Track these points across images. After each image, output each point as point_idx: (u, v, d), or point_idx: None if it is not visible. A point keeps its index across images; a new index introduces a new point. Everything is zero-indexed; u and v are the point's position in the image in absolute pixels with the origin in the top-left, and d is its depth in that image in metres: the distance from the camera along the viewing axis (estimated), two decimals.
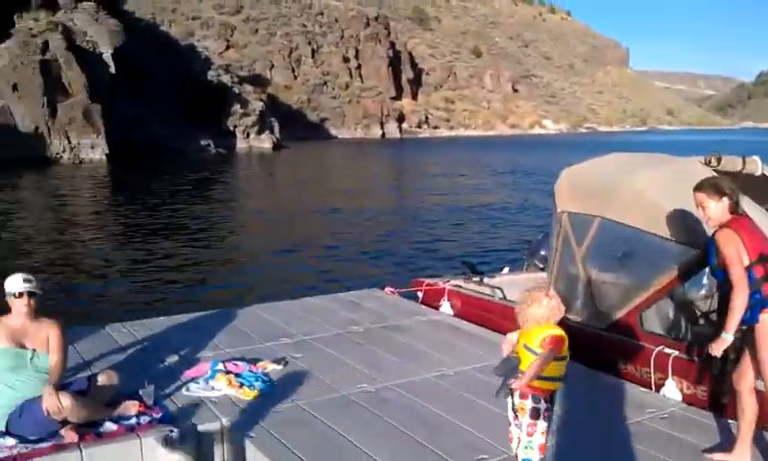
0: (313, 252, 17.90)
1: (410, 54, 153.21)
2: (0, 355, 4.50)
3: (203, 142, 63.61)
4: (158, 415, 4.71)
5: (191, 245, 18.47)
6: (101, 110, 48.69)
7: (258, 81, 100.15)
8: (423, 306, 7.99)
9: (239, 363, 5.56)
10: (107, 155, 48.48)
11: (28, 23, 49.33)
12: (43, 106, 46.95)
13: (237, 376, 5.30)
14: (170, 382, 5.36)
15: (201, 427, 4.62)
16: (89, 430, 4.44)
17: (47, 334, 4.67)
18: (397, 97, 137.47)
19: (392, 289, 8.54)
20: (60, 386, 4.51)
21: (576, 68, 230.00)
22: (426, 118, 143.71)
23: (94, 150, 48.54)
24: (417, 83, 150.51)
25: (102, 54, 52.72)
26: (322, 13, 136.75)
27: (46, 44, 47.70)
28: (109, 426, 4.54)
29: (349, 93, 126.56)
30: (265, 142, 72.91)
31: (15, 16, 49.32)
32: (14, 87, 46.51)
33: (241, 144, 71.15)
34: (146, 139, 56.95)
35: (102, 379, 4.81)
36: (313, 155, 69.59)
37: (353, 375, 5.61)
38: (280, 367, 5.67)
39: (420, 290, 8.42)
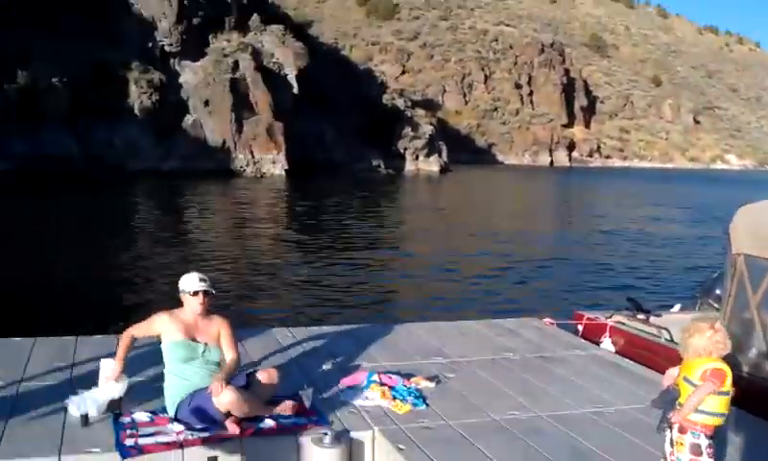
0: (472, 274, 17.86)
1: (584, 81, 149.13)
2: (176, 347, 4.87)
3: (374, 162, 65.64)
4: (314, 417, 4.93)
5: (356, 259, 19.08)
6: (283, 128, 51.69)
7: (430, 105, 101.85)
8: (583, 340, 7.75)
9: (393, 376, 5.67)
10: (286, 170, 51.33)
11: (221, 44, 53.55)
12: (231, 121, 50.66)
13: (391, 388, 5.41)
14: (327, 388, 5.58)
15: (353, 434, 4.77)
16: (250, 425, 4.73)
17: (218, 330, 5.00)
18: (569, 125, 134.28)
19: (550, 320, 8.35)
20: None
21: (763, 101, 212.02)
22: (598, 147, 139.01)
23: (275, 165, 51.59)
24: (590, 110, 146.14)
25: (287, 75, 55.98)
26: (496, 40, 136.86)
27: (236, 64, 51.55)
28: (268, 423, 4.82)
29: (519, 119, 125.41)
30: (433, 165, 73.94)
31: (210, 37, 53.79)
32: (206, 103, 50.64)
33: (409, 166, 72.65)
34: (322, 157, 59.79)
35: (262, 377, 5.05)
36: (479, 179, 69.57)
37: (506, 401, 5.54)
38: (433, 385, 5.72)
39: (581, 323, 8.17)
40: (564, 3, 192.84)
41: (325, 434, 4.60)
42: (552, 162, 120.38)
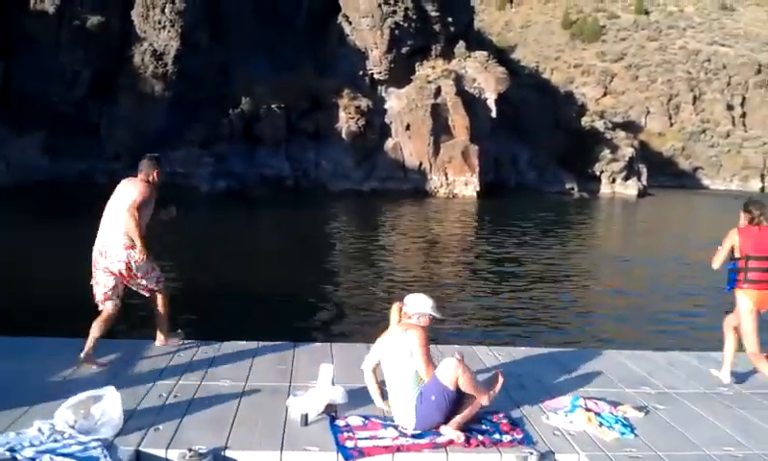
0: (673, 305, 16.87)
1: None
2: None
3: (567, 185, 63.96)
4: (519, 436, 5.03)
5: (550, 283, 18.77)
6: (478, 151, 52.07)
7: (632, 127, 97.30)
8: None
9: (600, 402, 5.61)
10: (476, 192, 51.63)
11: (426, 71, 55.15)
12: (429, 144, 51.89)
13: (597, 414, 5.36)
14: (531, 409, 5.65)
15: (559, 456, 4.81)
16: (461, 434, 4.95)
17: None
18: None
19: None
20: None
21: None
22: None
23: (467, 186, 52.04)
24: None
25: (486, 99, 56.38)
26: (709, 60, 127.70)
27: (438, 89, 52.80)
28: (477, 436, 4.99)
29: (729, 142, 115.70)
30: (630, 188, 70.40)
31: (417, 64, 55.61)
32: (407, 127, 52.35)
33: (605, 189, 69.78)
34: (515, 180, 59.38)
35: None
36: (680, 204, 65.20)
37: (719, 436, 5.31)
38: (641, 415, 5.59)
39: None
40: None
41: (531, 454, 4.68)
42: (764, 188, 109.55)
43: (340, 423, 5.11)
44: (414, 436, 4.93)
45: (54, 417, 4.80)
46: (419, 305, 5.22)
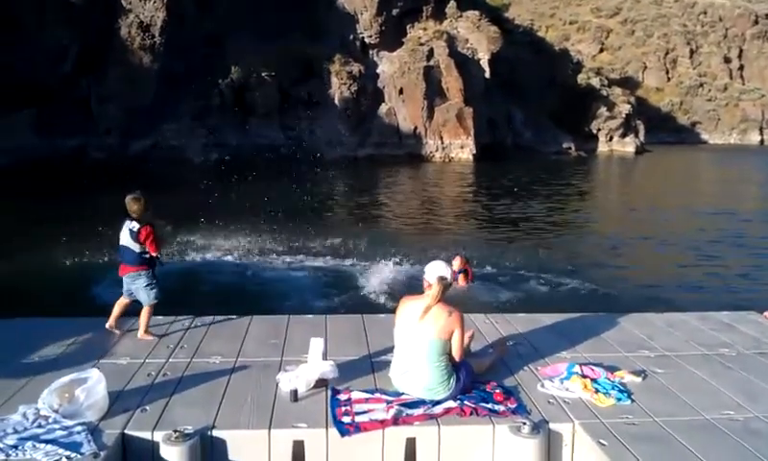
0: (679, 263, 16.80)
1: None
2: None
3: (564, 145, 63.64)
4: (513, 406, 4.93)
5: (548, 244, 18.65)
6: (472, 113, 51.68)
7: (628, 83, 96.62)
8: None
9: (596, 368, 5.51)
10: (473, 154, 51.35)
11: (418, 33, 54.50)
12: (423, 108, 51.50)
13: (593, 381, 5.27)
14: (526, 377, 5.56)
15: (552, 425, 4.71)
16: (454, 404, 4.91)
17: None
18: None
19: None
20: None
21: None
22: None
23: (463, 150, 51.77)
24: None
25: (479, 60, 55.82)
26: (705, 12, 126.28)
27: (431, 52, 52.21)
28: (468, 403, 4.92)
29: (727, 96, 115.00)
30: (628, 146, 70.14)
31: (408, 26, 54.93)
32: (400, 91, 51.87)
33: (602, 147, 69.52)
34: (510, 140, 59.05)
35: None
36: (678, 160, 65.00)
37: (720, 399, 5.20)
38: (639, 379, 5.49)
39: None
40: None
41: (524, 424, 4.59)
42: (762, 141, 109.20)
43: (342, 397, 5.01)
44: (408, 406, 4.84)
45: (38, 401, 4.70)
46: (438, 271, 5.17)
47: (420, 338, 5.04)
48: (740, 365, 6.00)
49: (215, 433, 4.52)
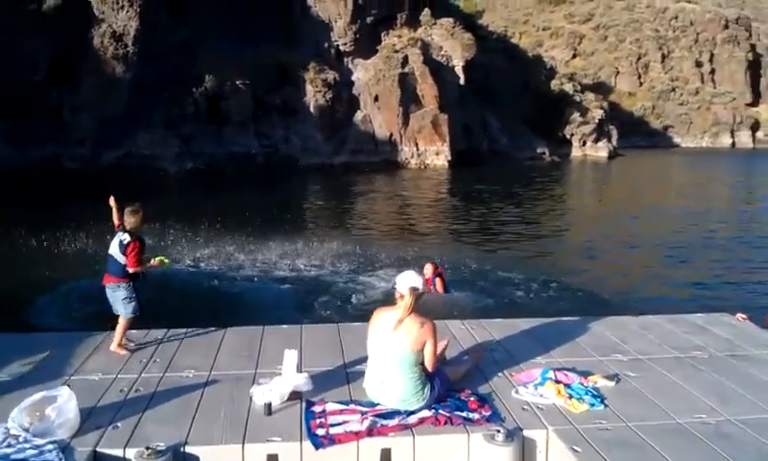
0: (651, 266, 16.97)
1: None
2: None
3: (538, 150, 64.22)
4: (488, 413, 4.94)
5: (520, 249, 18.77)
6: (447, 120, 51.91)
7: (601, 89, 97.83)
8: None
9: (570, 374, 5.54)
10: (448, 161, 51.54)
11: (392, 40, 54.66)
12: (398, 115, 51.64)
13: (567, 386, 5.29)
14: (501, 383, 5.57)
15: (526, 432, 4.73)
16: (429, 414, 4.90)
17: None
18: (754, 104, 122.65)
19: (744, 316, 7.71)
20: None
21: None
22: None
23: (438, 156, 51.97)
24: None
25: (454, 66, 56.10)
26: (676, 17, 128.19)
27: (406, 59, 52.39)
28: (442, 413, 4.92)
29: (699, 99, 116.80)
30: (601, 150, 70.96)
31: (383, 34, 55.07)
32: (375, 98, 51.97)
33: (576, 152, 70.27)
34: (486, 146, 59.41)
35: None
36: (650, 164, 65.83)
37: (692, 403, 5.25)
38: (612, 384, 5.53)
39: None
40: None
41: (498, 431, 4.60)
42: (734, 144, 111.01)
43: (316, 409, 4.98)
44: (383, 416, 4.83)
45: (8, 420, 4.62)
46: (410, 281, 5.14)
47: (393, 350, 5.03)
48: (712, 367, 6.06)
49: (188, 449, 4.47)
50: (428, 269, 11.68)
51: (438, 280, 11.66)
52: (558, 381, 5.36)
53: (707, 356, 6.38)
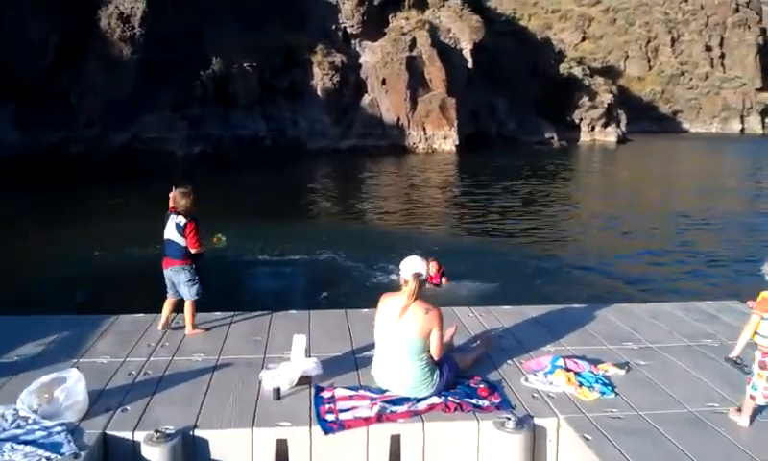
0: (662, 254, 16.87)
1: None
2: None
3: (547, 135, 63.81)
4: (498, 401, 4.91)
5: (531, 236, 18.70)
6: (455, 104, 51.59)
7: (610, 72, 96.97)
8: None
9: (580, 362, 5.50)
10: (456, 145, 51.29)
11: (400, 22, 54.24)
12: (406, 99, 51.31)
13: (577, 374, 5.26)
14: (510, 371, 5.54)
15: (537, 420, 4.71)
16: (439, 401, 4.88)
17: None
18: (764, 89, 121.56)
19: (755, 303, 7.63)
20: None
21: None
22: None
23: (446, 140, 51.69)
24: None
25: (462, 50, 55.69)
26: (686, 1, 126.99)
27: (413, 41, 52.01)
28: (452, 399, 4.89)
29: (708, 84, 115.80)
30: (609, 135, 70.47)
31: (390, 16, 54.65)
32: (383, 82, 51.66)
33: (584, 137, 69.79)
34: (494, 130, 59.09)
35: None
36: (659, 149, 65.38)
37: (704, 391, 5.22)
38: (623, 372, 5.48)
39: None
40: None
41: (508, 419, 4.58)
42: (743, 130, 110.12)
43: (325, 394, 4.97)
44: (392, 402, 4.81)
45: (17, 402, 4.63)
46: (413, 267, 5.11)
47: (400, 337, 5.00)
48: (723, 356, 6.00)
49: (197, 433, 4.46)
50: (433, 267, 11.59)
51: (444, 278, 11.59)
52: (568, 369, 5.32)
53: (717, 344, 6.33)
